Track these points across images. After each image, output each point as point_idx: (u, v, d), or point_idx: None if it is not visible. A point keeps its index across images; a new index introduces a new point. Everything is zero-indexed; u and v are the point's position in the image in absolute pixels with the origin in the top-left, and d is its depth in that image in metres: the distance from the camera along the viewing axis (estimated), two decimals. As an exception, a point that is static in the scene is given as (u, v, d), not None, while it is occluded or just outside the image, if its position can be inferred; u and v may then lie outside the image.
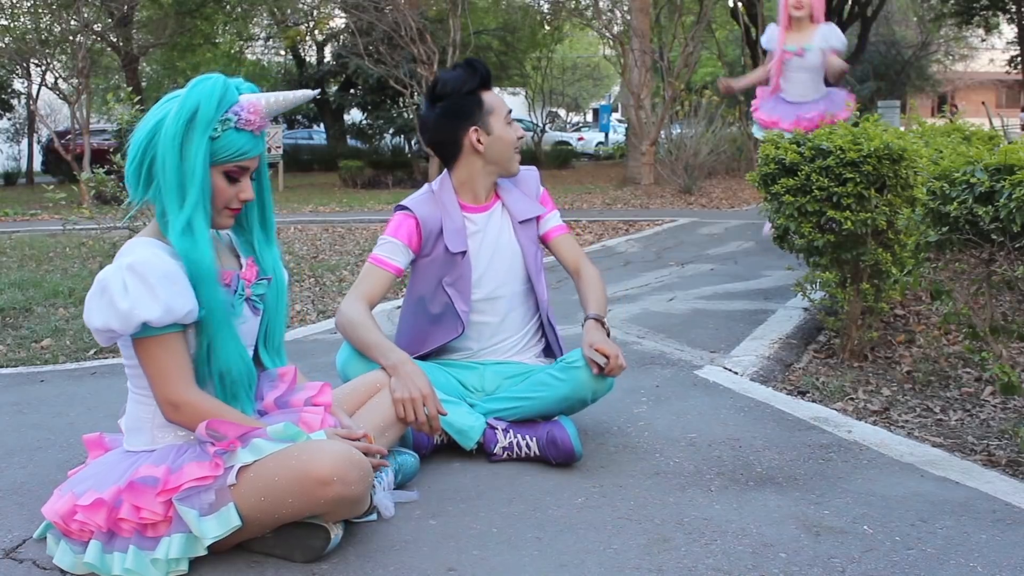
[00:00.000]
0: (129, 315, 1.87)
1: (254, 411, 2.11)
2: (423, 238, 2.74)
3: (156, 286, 1.88)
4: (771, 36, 6.72)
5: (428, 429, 2.36)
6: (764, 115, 6.65)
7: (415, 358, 2.57)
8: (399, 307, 3.13)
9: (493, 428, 2.63)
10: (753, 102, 6.84)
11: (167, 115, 1.98)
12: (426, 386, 2.34)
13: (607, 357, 2.53)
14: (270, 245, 2.19)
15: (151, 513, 1.88)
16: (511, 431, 2.62)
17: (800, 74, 6.50)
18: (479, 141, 2.73)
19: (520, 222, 2.82)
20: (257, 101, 2.02)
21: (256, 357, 2.20)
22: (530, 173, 2.93)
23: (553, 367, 2.67)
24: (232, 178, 2.03)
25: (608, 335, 2.64)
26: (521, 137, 2.82)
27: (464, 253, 2.74)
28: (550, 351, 2.89)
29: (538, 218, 2.88)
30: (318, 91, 2.42)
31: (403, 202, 2.81)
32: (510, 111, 2.81)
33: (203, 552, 1.91)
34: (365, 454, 2.05)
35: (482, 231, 2.78)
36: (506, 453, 2.62)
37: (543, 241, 2.91)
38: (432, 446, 2.65)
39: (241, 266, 2.15)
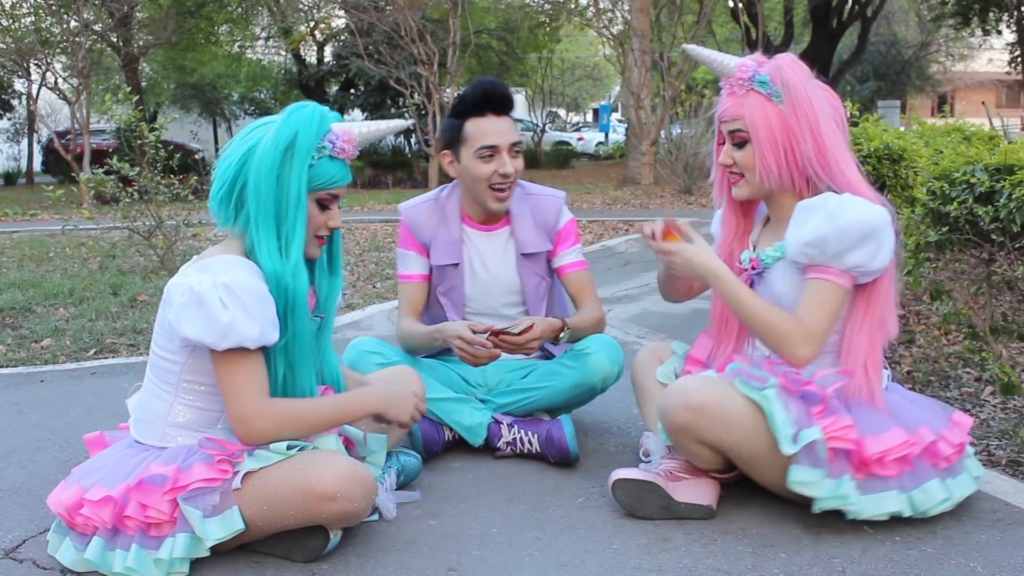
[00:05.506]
0: (227, 333, 1.88)
1: None
2: (420, 243, 2.77)
3: (253, 308, 1.89)
4: None
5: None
6: None
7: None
8: (396, 307, 3.13)
9: (499, 423, 2.65)
10: None
11: (259, 142, 1.98)
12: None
13: (512, 344, 2.47)
14: (334, 277, 2.20)
15: (157, 512, 1.89)
16: (515, 426, 2.64)
17: None
18: (450, 164, 2.72)
19: (523, 255, 2.76)
20: (351, 130, 2.03)
21: None
22: (552, 202, 2.79)
23: (562, 356, 2.69)
24: (323, 206, 2.05)
25: (556, 341, 2.61)
26: (506, 175, 2.62)
27: (456, 265, 2.74)
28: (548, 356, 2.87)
29: (551, 252, 2.79)
30: (412, 121, 2.41)
31: (402, 205, 2.83)
32: (493, 146, 2.60)
33: (205, 554, 1.91)
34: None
35: (480, 250, 2.76)
36: (509, 448, 2.64)
37: (557, 273, 2.83)
38: (444, 442, 2.67)
39: None
